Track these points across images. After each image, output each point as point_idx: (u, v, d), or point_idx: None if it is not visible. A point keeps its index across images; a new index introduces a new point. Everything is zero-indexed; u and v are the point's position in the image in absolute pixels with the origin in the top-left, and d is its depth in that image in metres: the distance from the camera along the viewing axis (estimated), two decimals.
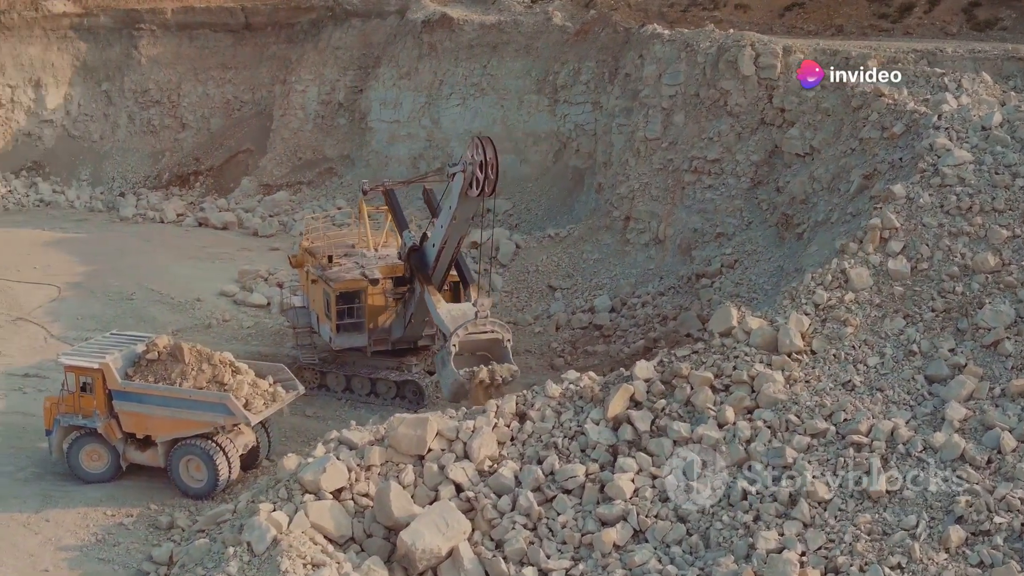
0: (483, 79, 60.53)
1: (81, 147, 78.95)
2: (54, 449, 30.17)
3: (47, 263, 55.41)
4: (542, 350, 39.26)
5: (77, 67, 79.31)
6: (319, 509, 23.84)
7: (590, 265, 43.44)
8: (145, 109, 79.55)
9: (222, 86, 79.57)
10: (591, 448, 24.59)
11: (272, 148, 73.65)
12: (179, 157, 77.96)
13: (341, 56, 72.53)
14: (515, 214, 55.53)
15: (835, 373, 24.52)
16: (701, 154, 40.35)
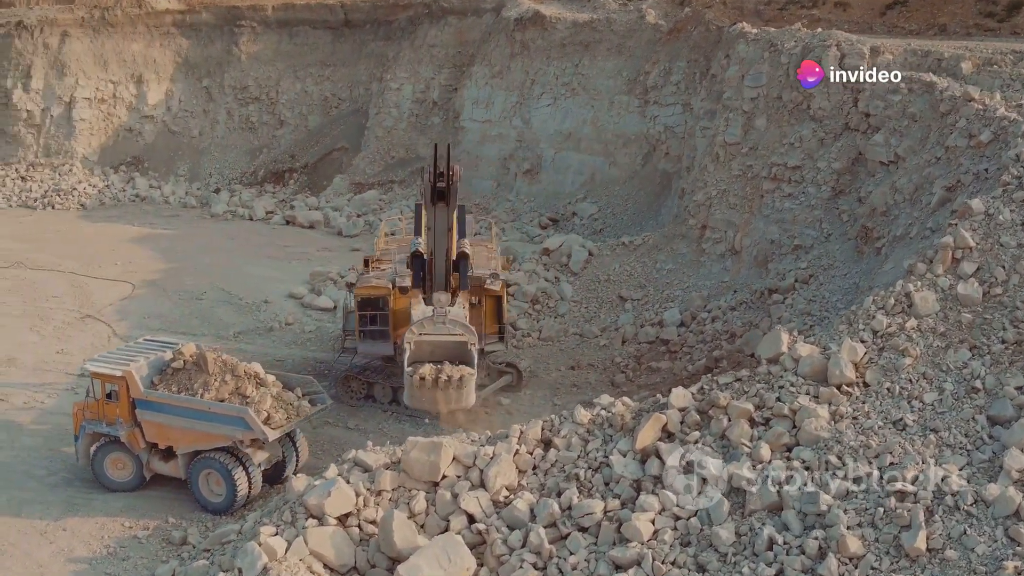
0: (574, 79, 58.76)
1: (180, 143, 79.53)
2: (80, 456, 29.53)
3: (129, 259, 55.53)
4: (605, 364, 37.31)
5: (179, 63, 79.94)
6: (319, 535, 22.46)
7: (663, 275, 41.27)
8: (244, 106, 79.83)
9: (320, 83, 79.42)
10: (615, 482, 22.61)
11: (366, 146, 73.10)
12: (276, 154, 77.99)
13: (437, 54, 71.55)
14: (600, 218, 53.73)
15: (886, 410, 22.00)
16: (781, 160, 37.81)
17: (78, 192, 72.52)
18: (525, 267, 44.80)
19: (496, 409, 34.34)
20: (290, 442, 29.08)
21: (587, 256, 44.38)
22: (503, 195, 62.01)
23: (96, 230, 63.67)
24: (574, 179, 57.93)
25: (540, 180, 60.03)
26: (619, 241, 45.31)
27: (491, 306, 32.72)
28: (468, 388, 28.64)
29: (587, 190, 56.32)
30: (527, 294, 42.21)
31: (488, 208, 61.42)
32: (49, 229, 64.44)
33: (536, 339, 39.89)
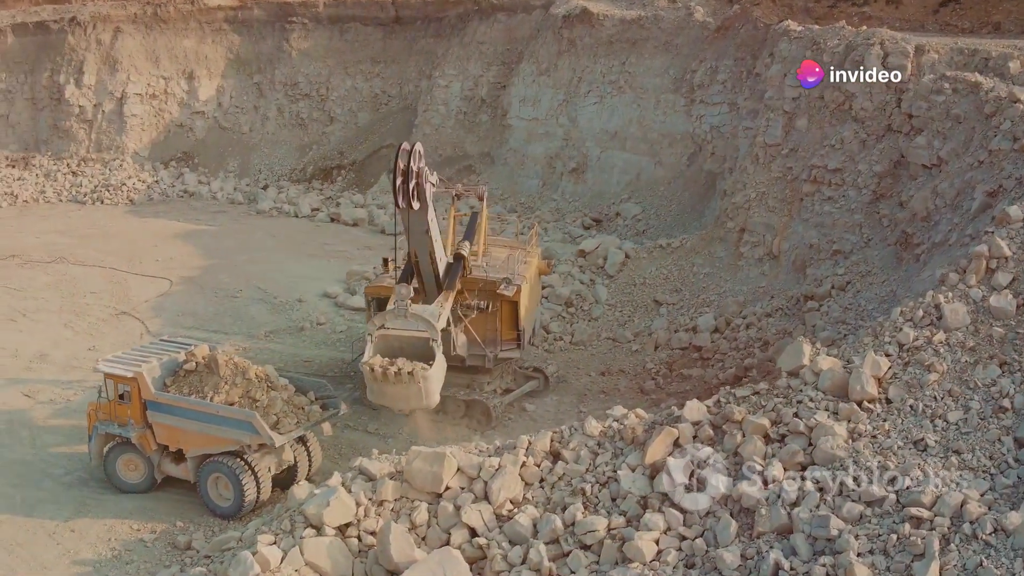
0: (621, 76, 57.71)
1: (230, 139, 79.65)
2: (93, 456, 29.29)
3: (170, 255, 55.55)
4: (636, 370, 36.33)
5: (230, 59, 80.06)
6: (316, 546, 21.90)
7: (700, 279, 40.18)
8: (294, 102, 79.78)
9: (370, 80, 79.12)
10: (622, 498, 21.72)
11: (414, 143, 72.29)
12: (325, 151, 77.84)
13: (485, 51, 70.79)
14: (643, 219, 52.68)
15: (908, 428, 20.84)
16: (822, 163, 36.53)
17: (127, 187, 72.87)
18: (560, 269, 43.93)
19: (521, 415, 33.57)
20: (303, 447, 28.49)
21: (623, 258, 43.42)
22: (548, 195, 61.15)
23: (142, 225, 63.85)
24: (619, 179, 56.91)
25: (585, 179, 59.07)
26: (656, 243, 44.27)
27: (507, 312, 31.79)
28: (426, 386, 27.21)
29: (632, 190, 55.27)
30: (561, 296, 41.34)
31: (533, 207, 60.63)
32: (96, 224, 64.79)
33: (568, 343, 39.00)
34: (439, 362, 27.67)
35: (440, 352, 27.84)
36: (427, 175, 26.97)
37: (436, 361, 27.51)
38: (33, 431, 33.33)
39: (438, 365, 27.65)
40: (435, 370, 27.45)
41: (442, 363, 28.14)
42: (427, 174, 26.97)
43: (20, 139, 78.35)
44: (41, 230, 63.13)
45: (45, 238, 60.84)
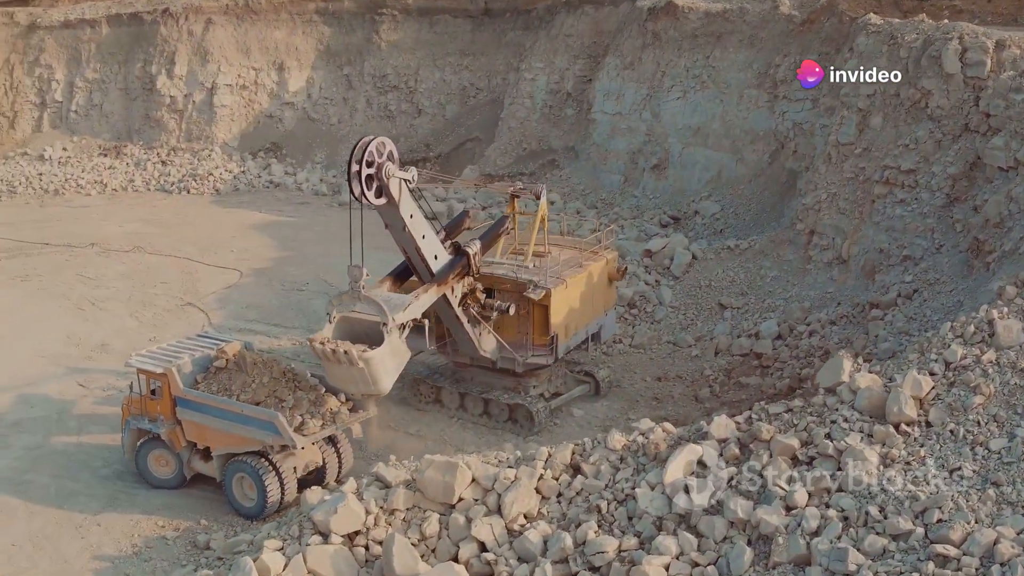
0: (704, 71, 55.99)
1: (319, 130, 79.79)
2: (126, 451, 29.20)
3: (245, 246, 55.69)
4: (693, 377, 34.95)
5: (320, 51, 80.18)
6: (319, 554, 21.26)
7: (767, 283, 38.55)
8: (383, 94, 79.59)
9: (459, 72, 78.50)
10: (638, 517, 20.53)
11: (499, 137, 71.76)
12: (412, 143, 77.35)
13: (572, 44, 69.60)
14: (722, 218, 50.96)
15: (945, 456, 19.24)
16: (895, 163, 34.61)
17: (214, 177, 73.47)
18: None
19: (567, 421, 32.51)
20: (332, 448, 27.83)
21: (690, 259, 41.98)
22: (629, 191, 59.74)
23: (224, 216, 64.28)
24: (700, 176, 55.24)
25: (667, 176, 57.53)
26: (724, 245, 42.68)
27: (539, 316, 30.64)
28: (370, 370, 25.88)
29: (712, 188, 53.57)
30: (624, 298, 40.04)
31: (613, 204, 59.31)
32: (179, 214, 65.44)
33: (627, 346, 37.74)
34: (387, 348, 26.18)
35: (393, 338, 26.40)
36: (391, 171, 26.21)
37: (384, 347, 26.10)
38: (81, 422, 33.42)
39: (385, 351, 26.15)
40: (379, 355, 25.94)
41: (396, 350, 26.72)
42: (391, 170, 26.20)
43: (113, 128, 79.59)
44: (125, 219, 63.97)
45: (128, 227, 61.62)
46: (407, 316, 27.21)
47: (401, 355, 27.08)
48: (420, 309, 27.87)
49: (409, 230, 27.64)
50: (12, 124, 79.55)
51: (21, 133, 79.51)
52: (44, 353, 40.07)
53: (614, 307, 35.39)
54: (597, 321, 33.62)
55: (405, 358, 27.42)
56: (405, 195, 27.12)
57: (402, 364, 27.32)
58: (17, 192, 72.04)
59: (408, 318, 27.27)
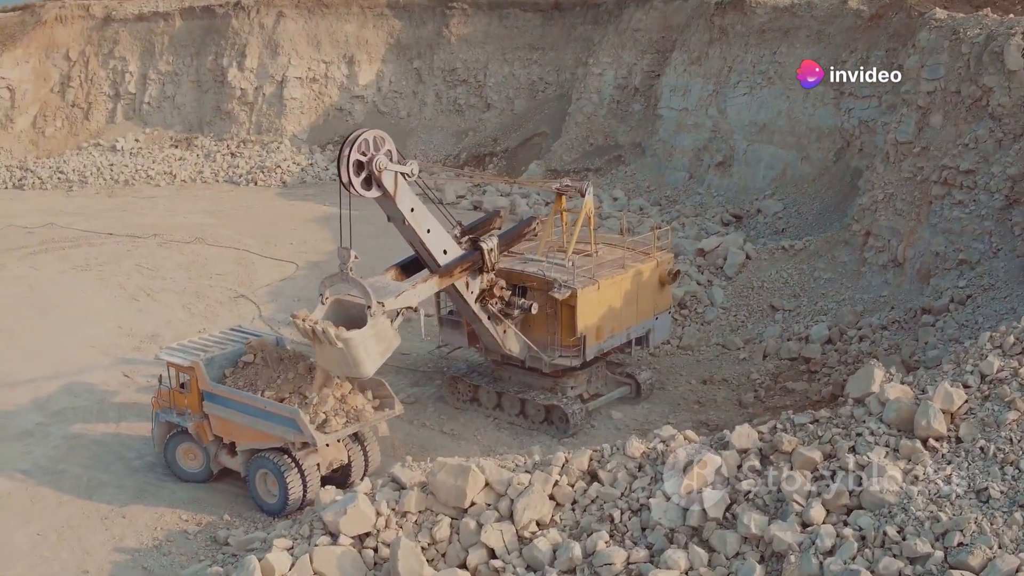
0: (771, 67, 54.77)
1: (388, 123, 79.56)
2: (155, 443, 29.12)
3: (305, 239, 55.82)
4: (739, 380, 33.97)
5: (390, 44, 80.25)
6: (326, 555, 20.87)
7: (820, 285, 37.36)
8: (452, 88, 79.42)
9: (528, 67, 78.06)
10: (651, 529, 19.78)
11: (565, 132, 71.13)
12: (480, 138, 77.17)
13: (640, 39, 68.76)
14: (784, 217, 49.78)
15: (973, 475, 18.16)
16: (953, 163, 33.20)
17: (281, 170, 73.89)
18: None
19: (605, 423, 31.75)
20: (359, 446, 27.44)
21: (744, 259, 40.87)
22: (694, 188, 58.73)
23: (287, 208, 64.57)
24: (765, 174, 54.05)
25: (731, 174, 56.41)
26: (779, 245, 41.51)
27: (566, 316, 29.89)
28: (349, 352, 25.36)
29: (776, 186, 52.37)
30: (674, 297, 39.06)
31: (677, 201, 58.37)
32: (243, 205, 65.92)
33: (675, 347, 36.85)
34: (369, 331, 25.61)
35: (378, 322, 25.87)
36: (383, 164, 25.86)
37: (365, 329, 25.57)
38: (121, 412, 33.54)
39: (367, 334, 25.58)
40: (359, 337, 25.37)
41: (381, 335, 26.19)
42: (383, 163, 25.84)
43: (184, 120, 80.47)
44: (190, 210, 64.57)
45: (191, 218, 62.19)
46: (398, 304, 26.81)
47: (387, 341, 26.49)
48: (414, 299, 27.53)
49: (410, 224, 27.31)
50: (87, 115, 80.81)
51: (95, 124, 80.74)
52: (94, 343, 40.40)
53: (668, 311, 34.19)
54: (643, 324, 32.65)
55: (392, 344, 26.79)
56: (403, 189, 26.71)
57: (389, 350, 26.71)
58: (88, 182, 73.19)
59: (399, 305, 26.87)
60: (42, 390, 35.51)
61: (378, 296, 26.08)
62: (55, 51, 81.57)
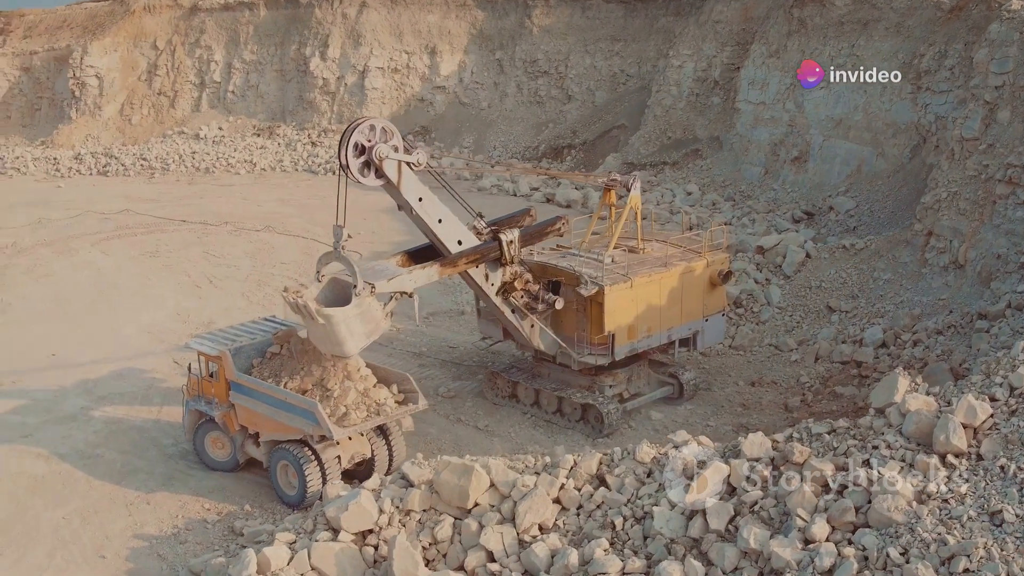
0: (849, 60, 52.99)
1: (468, 114, 79.65)
2: (186, 431, 29.11)
3: (373, 229, 55.64)
4: (788, 383, 32.85)
5: (472, 35, 80.00)
6: (324, 551, 20.60)
7: (879, 286, 35.96)
8: (533, 79, 78.99)
9: (609, 59, 77.28)
10: (652, 537, 19.05)
11: (644, 125, 70.10)
12: (559, 130, 76.60)
13: (721, 31, 67.40)
14: (856, 214, 48.25)
15: (988, 495, 17.04)
16: (1019, 161, 31.60)
17: None
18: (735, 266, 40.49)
19: (644, 424, 30.88)
20: (383, 440, 27.07)
21: (803, 258, 39.57)
22: (769, 183, 57.35)
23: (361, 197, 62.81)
24: (840, 170, 52.50)
25: (807, 169, 54.92)
26: (840, 243, 40.11)
27: (595, 313, 29.10)
28: (331, 329, 25.16)
29: (851, 183, 50.81)
30: (730, 296, 38.03)
31: (751, 196, 57.02)
32: (318, 195, 66.04)
33: (726, 347, 35.82)
34: (353, 311, 25.32)
35: (364, 302, 25.60)
36: (383, 152, 25.78)
37: (349, 308, 25.32)
38: (165, 398, 33.68)
39: (351, 313, 25.31)
40: (342, 315, 25.15)
41: (367, 316, 25.84)
42: (383, 151, 25.78)
43: (268, 109, 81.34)
44: (265, 198, 65.10)
45: (266, 206, 62.65)
46: (390, 287, 26.62)
47: (374, 323, 26.13)
48: (409, 284, 27.23)
49: (418, 213, 27.27)
50: (172, 103, 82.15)
51: (181, 112, 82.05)
52: (151, 328, 40.84)
53: (721, 312, 32.95)
54: (689, 326, 31.59)
55: (379, 326, 26.44)
56: (409, 178, 26.73)
57: (375, 332, 26.38)
58: (170, 169, 74.34)
59: (391, 289, 26.68)
60: (92, 374, 35.92)
61: (369, 278, 26.02)
62: (143, 40, 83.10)
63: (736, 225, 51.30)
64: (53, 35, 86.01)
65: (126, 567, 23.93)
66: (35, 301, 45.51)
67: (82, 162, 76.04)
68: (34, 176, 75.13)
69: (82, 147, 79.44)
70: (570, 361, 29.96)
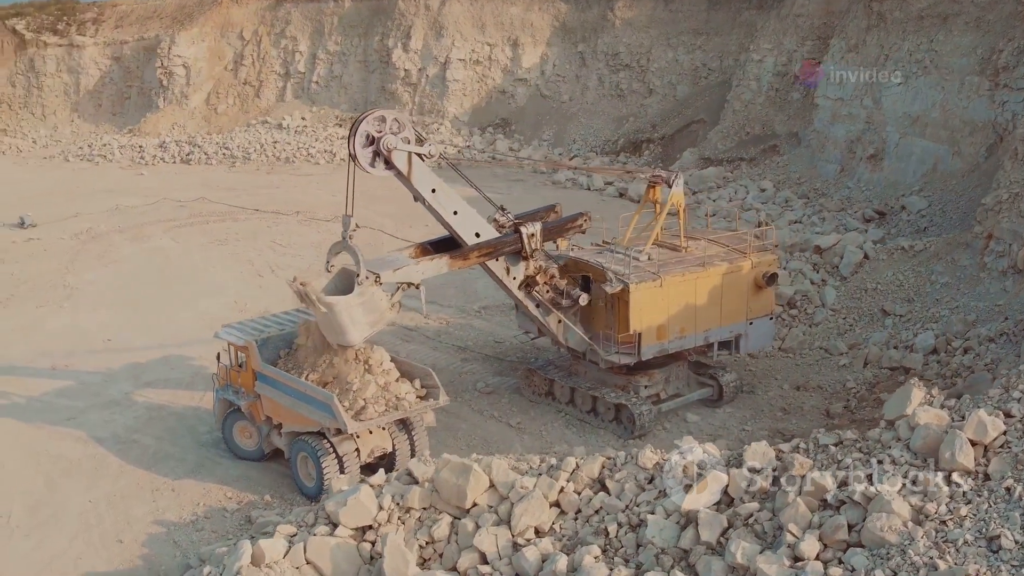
0: (927, 55, 51.50)
1: (549, 107, 79.30)
2: (216, 420, 29.34)
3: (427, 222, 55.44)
4: (834, 388, 31.89)
5: (555, 28, 79.63)
6: (320, 546, 20.49)
7: (936, 289, 34.68)
8: (615, 72, 78.42)
9: (692, 52, 76.38)
10: (643, 546, 18.52)
11: (723, 120, 69.00)
12: (639, 124, 75.94)
13: (802, 24, 65.96)
14: (928, 215, 46.75)
15: (989, 518, 16.10)
16: None
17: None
18: (791, 266, 39.49)
19: (679, 426, 30.24)
20: (405, 434, 26.89)
21: (861, 259, 38.36)
22: (844, 181, 55.99)
23: None
24: (916, 168, 50.94)
25: (882, 167, 53.46)
26: (898, 245, 38.77)
27: (622, 311, 28.48)
28: (333, 317, 25.28)
29: (925, 182, 49.25)
30: (783, 296, 37.12)
31: (826, 194, 55.70)
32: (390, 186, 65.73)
33: (776, 349, 34.90)
34: (355, 299, 25.45)
35: (367, 291, 25.70)
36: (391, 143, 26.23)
37: (351, 297, 25.48)
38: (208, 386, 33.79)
39: (353, 301, 25.43)
40: (344, 303, 25.32)
41: (370, 305, 25.91)
42: (391, 142, 26.23)
43: (351, 100, 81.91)
44: (340, 188, 64.73)
45: (340, 197, 62.19)
46: (396, 277, 26.78)
47: (378, 312, 26.16)
48: (416, 275, 27.41)
49: (431, 204, 27.48)
50: (257, 93, 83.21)
51: (265, 102, 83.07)
52: (207, 315, 41.21)
53: (769, 316, 31.92)
54: (730, 328, 30.73)
55: (383, 316, 26.46)
56: (420, 170, 26.97)
57: (379, 322, 26.40)
58: (251, 158, 75.26)
59: (400, 279, 26.90)
60: (142, 359, 36.52)
61: (375, 268, 26.13)
62: (230, 30, 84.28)
63: (806, 223, 50.16)
64: (143, 25, 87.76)
65: (141, 552, 24.25)
66: (101, 286, 46.44)
67: (166, 150, 77.45)
68: (119, 164, 76.74)
69: (167, 135, 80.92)
70: (598, 359, 29.49)
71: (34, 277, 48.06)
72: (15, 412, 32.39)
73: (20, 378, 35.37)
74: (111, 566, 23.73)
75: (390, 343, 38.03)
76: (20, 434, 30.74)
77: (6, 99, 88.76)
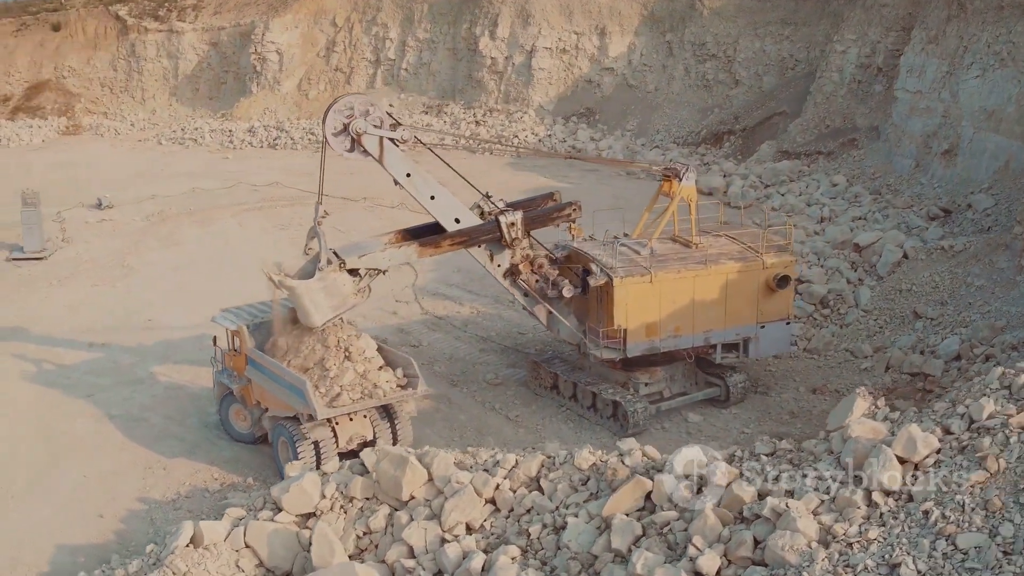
0: (1005, 47, 49.15)
1: (635, 97, 78.49)
2: (214, 402, 29.78)
3: None
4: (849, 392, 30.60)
5: (644, 17, 78.74)
6: (259, 530, 20.86)
7: (971, 292, 33.10)
8: (701, 63, 77.23)
9: (779, 43, 74.66)
10: (561, 550, 18.13)
11: (804, 112, 67.17)
12: (723, 115, 74.55)
13: (887, 15, 63.89)
14: (993, 214, 44.64)
15: (897, 543, 15.15)
16: None
17: (518, 139, 73.84)
18: (829, 264, 38.23)
19: (679, 426, 29.56)
20: (387, 422, 26.86)
21: (900, 258, 36.90)
22: (918, 177, 53.90)
23: (509, 179, 63.83)
24: (988, 165, 48.67)
25: (956, 164, 51.26)
26: (938, 244, 37.17)
27: (607, 305, 27.88)
28: (299, 302, 26.09)
29: (996, 179, 47.08)
30: (815, 295, 35.97)
31: (898, 190, 53.73)
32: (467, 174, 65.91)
33: (800, 349, 33.84)
34: (317, 284, 26.16)
35: (329, 275, 26.36)
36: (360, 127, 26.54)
37: (312, 281, 26.19)
38: None
39: (314, 286, 26.13)
40: (304, 287, 26.06)
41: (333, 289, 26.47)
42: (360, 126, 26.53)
43: (439, 87, 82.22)
44: None
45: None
46: (361, 263, 27.06)
47: (341, 297, 26.63)
48: (384, 261, 27.61)
49: (407, 189, 27.75)
50: (348, 79, 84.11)
51: (356, 88, 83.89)
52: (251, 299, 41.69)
53: (784, 320, 30.51)
54: (736, 330, 29.64)
55: (347, 301, 26.83)
56: (392, 154, 27.15)
57: (342, 306, 26.78)
58: None
59: (365, 265, 27.14)
60: (177, 339, 37.18)
61: (343, 253, 26.72)
62: (323, 17, 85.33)
63: (869, 220, 48.56)
64: (240, 11, 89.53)
65: (117, 528, 24.81)
66: (158, 267, 47.55)
67: (254, 135, 78.86)
68: (208, 147, 78.43)
69: (258, 120, 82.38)
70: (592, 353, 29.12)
71: (98, 257, 49.46)
72: (42, 385, 33.51)
73: (58, 352, 36.51)
74: (86, 540, 24.24)
75: (417, 331, 38.28)
76: (39, 408, 31.75)
77: (108, 83, 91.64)
